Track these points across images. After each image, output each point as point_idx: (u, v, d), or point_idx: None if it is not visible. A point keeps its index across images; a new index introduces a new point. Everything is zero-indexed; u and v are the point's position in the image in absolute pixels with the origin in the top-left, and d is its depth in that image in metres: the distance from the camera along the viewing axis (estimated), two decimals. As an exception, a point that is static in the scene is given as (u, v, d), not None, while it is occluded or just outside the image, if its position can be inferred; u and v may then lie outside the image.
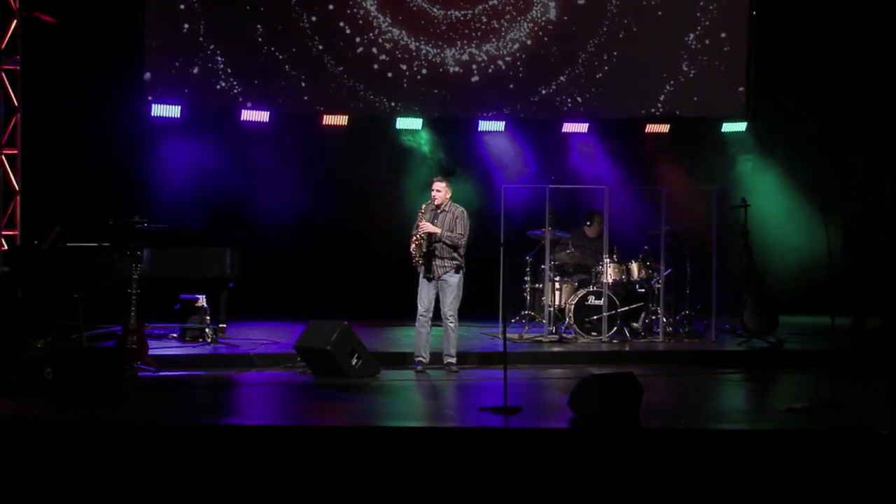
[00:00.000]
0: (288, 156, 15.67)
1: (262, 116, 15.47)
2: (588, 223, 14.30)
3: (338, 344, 10.99)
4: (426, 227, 11.31)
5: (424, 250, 11.28)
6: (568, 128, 16.22)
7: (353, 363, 11.05)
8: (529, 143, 16.19)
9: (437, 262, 11.32)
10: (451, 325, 11.38)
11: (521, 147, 16.20)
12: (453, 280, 11.37)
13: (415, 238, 11.33)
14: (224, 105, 15.30)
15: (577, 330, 13.32)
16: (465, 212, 11.44)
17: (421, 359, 11.47)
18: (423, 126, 15.96)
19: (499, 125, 16.12)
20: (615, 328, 13.34)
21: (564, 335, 13.38)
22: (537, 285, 13.93)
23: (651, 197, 13.89)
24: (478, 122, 16.07)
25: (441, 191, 11.40)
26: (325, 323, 11.33)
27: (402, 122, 15.89)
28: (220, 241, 12.83)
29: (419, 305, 11.40)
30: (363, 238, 15.69)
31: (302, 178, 15.69)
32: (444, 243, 11.33)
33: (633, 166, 16.12)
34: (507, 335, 9.98)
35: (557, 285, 13.65)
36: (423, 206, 11.51)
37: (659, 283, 13.52)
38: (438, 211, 11.45)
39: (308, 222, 15.71)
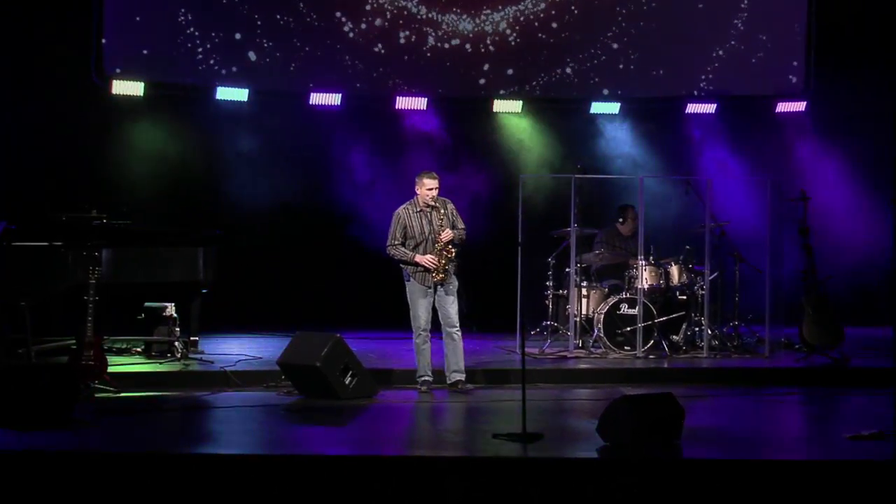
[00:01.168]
0: (271, 141, 15.73)
1: (241, 95, 15.50)
2: (620, 219, 14.29)
3: (329, 360, 10.98)
4: (448, 235, 11.37)
5: (444, 261, 11.37)
6: (597, 108, 16.24)
7: (347, 382, 11.05)
8: (552, 127, 16.20)
9: (450, 267, 11.41)
10: (459, 335, 11.42)
11: (541, 131, 16.19)
12: (456, 284, 11.46)
13: (441, 253, 11.34)
14: (196, 82, 15.32)
15: (608, 344, 13.31)
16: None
17: (427, 378, 11.49)
18: (428, 106, 15.97)
19: (516, 105, 16.13)
20: (652, 341, 13.32)
21: (592, 350, 13.38)
22: (561, 292, 13.93)
23: (694, 188, 13.85)
24: (492, 102, 16.07)
25: (437, 189, 11.44)
26: (313, 335, 11.33)
27: (405, 102, 15.90)
28: (191, 239, 12.84)
29: (417, 320, 11.40)
30: (359, 237, 15.70)
31: (287, 166, 15.76)
32: (455, 245, 11.39)
33: (673, 153, 16.15)
34: (526, 350, 9.93)
35: (584, 292, 13.64)
36: (403, 210, 11.50)
37: (703, 289, 13.50)
38: (428, 209, 11.44)
39: (295, 218, 15.78)
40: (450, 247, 11.40)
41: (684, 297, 13.68)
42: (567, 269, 13.72)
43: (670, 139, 16.29)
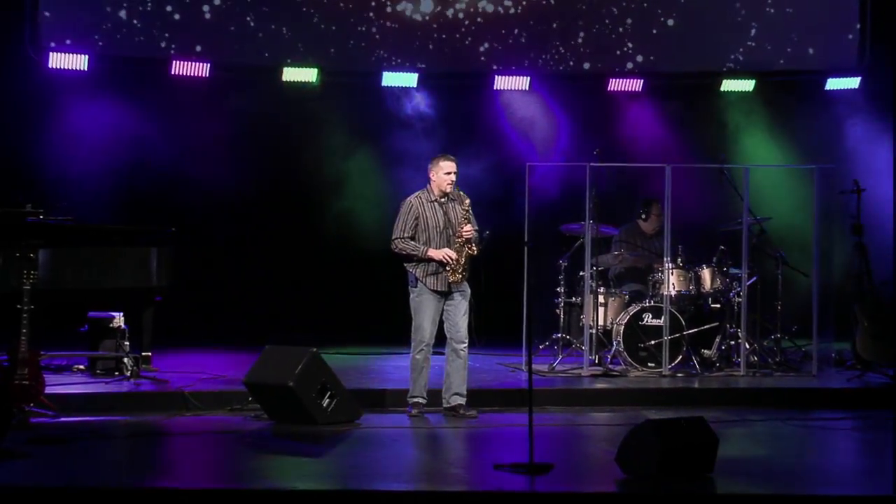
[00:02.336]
0: (238, 123, 15.75)
1: (201, 70, 15.50)
2: (643, 215, 14.32)
3: (304, 379, 10.98)
4: (470, 231, 11.37)
5: (464, 258, 11.36)
6: (616, 86, 16.26)
7: (325, 405, 11.05)
8: (564, 107, 16.22)
9: (468, 268, 11.44)
10: (466, 352, 11.45)
11: (552, 112, 16.20)
12: (469, 292, 11.48)
13: (463, 249, 11.32)
14: (148, 55, 15.32)
15: (629, 359, 13.33)
16: None
17: (420, 400, 11.47)
18: (418, 83, 15.98)
19: (522, 82, 16.14)
20: (680, 357, 13.35)
21: (611, 367, 13.40)
22: (574, 299, 13.95)
23: (729, 178, 13.84)
24: (493, 79, 16.11)
25: (456, 174, 11.43)
26: (286, 350, 11.33)
27: (391, 79, 15.91)
28: (143, 238, 12.83)
29: (421, 332, 11.34)
30: (338, 235, 15.70)
31: (256, 153, 15.79)
32: (474, 244, 11.41)
33: (705, 138, 16.17)
34: (534, 367, 9.94)
35: (602, 299, 13.66)
36: (415, 199, 11.46)
37: (740, 296, 13.51)
38: (444, 200, 11.44)
39: (264, 213, 15.81)
40: (472, 245, 11.38)
41: (718, 306, 13.71)
42: (581, 273, 13.73)
43: (702, 121, 16.32)
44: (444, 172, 11.44)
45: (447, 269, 11.34)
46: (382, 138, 16.02)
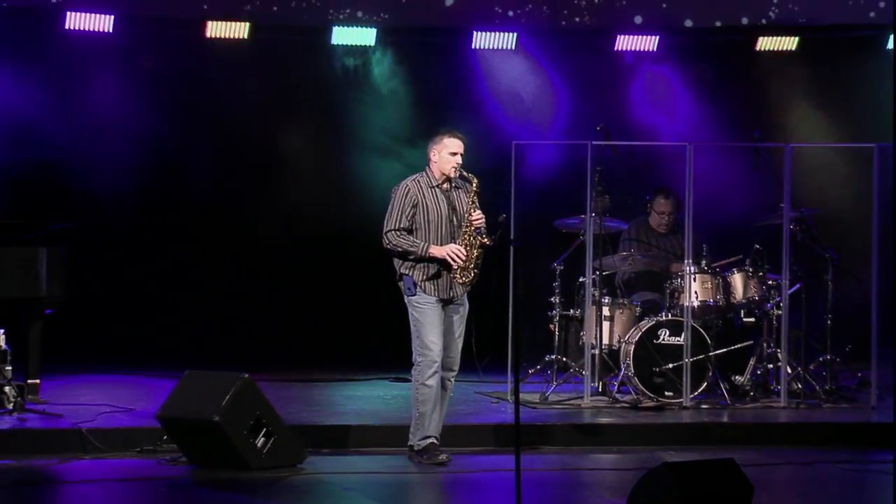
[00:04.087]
0: (145, 89, 15.77)
1: (103, 24, 15.47)
2: (648, 206, 14.33)
3: (233, 412, 10.94)
4: (480, 217, 11.28)
5: (476, 252, 11.25)
6: (625, 43, 16.33)
7: (260, 444, 11.02)
8: (559, 71, 16.23)
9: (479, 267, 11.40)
10: (453, 383, 11.47)
11: (544, 77, 16.21)
12: (467, 305, 11.47)
13: (473, 243, 11.25)
14: (35, 3, 15.26)
15: (641, 387, 13.35)
16: None
17: (434, 440, 11.30)
18: (377, 41, 16.01)
19: (507, 40, 16.17)
20: (705, 384, 13.38)
21: (618, 396, 13.42)
22: (572, 312, 13.98)
23: (766, 160, 13.87)
24: (471, 36, 16.16)
25: (462, 155, 11.37)
26: (210, 376, 11.32)
27: (343, 35, 15.96)
28: (29, 236, 12.79)
29: (430, 350, 11.14)
30: (279, 229, 15.69)
31: (170, 127, 15.79)
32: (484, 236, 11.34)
33: (735, 108, 16.23)
34: (522, 396, 9.92)
35: (607, 311, 13.68)
36: (413, 184, 11.36)
37: (779, 308, 13.54)
38: (448, 188, 11.37)
39: (180, 204, 15.86)
40: (483, 236, 11.28)
41: (752, 320, 13.77)
42: (581, 279, 13.74)
43: (732, 88, 16.37)
44: (448, 152, 11.34)
45: (454, 269, 11.21)
46: (331, 110, 16.10)
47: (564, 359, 13.91)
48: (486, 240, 11.26)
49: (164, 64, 15.73)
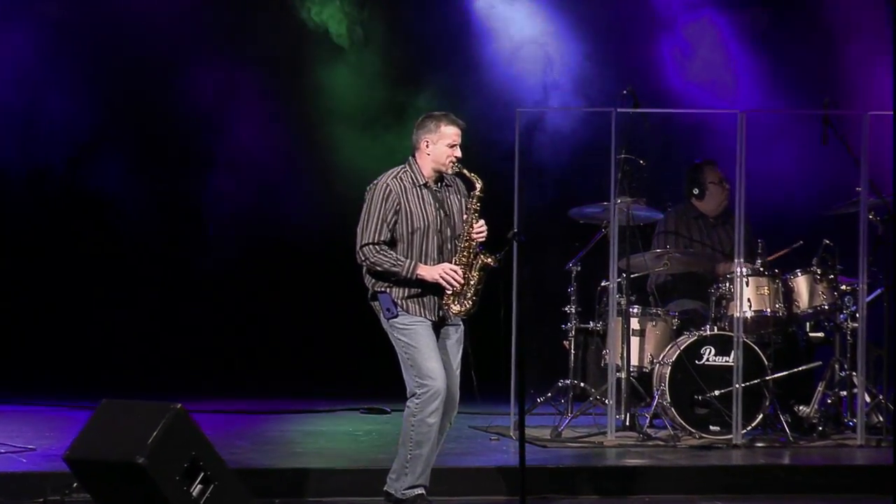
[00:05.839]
0: (60, 45, 15.93)
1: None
2: (695, 190, 14.35)
3: (161, 452, 10.88)
4: (483, 229, 11.14)
5: (476, 275, 11.14)
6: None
7: (196, 493, 10.96)
8: (576, 19, 16.24)
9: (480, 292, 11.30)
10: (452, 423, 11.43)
11: (557, 26, 16.21)
12: (462, 325, 11.37)
13: (473, 263, 11.17)
14: None
15: (679, 420, 13.41)
16: None
17: (422, 490, 11.14)
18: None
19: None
20: (761, 416, 13.41)
21: (651, 431, 13.45)
22: (592, 325, 14.02)
23: (837, 133, 13.82)
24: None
25: (459, 146, 11.26)
26: (132, 407, 11.24)
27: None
28: None
29: (431, 377, 11.01)
30: (221, 226, 15.77)
31: (89, 94, 15.96)
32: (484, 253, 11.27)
33: (801, 68, 16.19)
34: (529, 432, 9.92)
35: (637, 324, 13.75)
36: (394, 182, 11.23)
37: (856, 320, 13.50)
38: (439, 187, 11.28)
39: (101, 191, 16.03)
40: (486, 255, 11.12)
41: (821, 335, 13.83)
42: (604, 284, 13.77)
43: (796, 42, 16.31)
44: (446, 143, 11.14)
45: (447, 294, 11.09)
46: (295, 73, 16.28)
47: (582, 384, 13.98)
48: (489, 259, 11.11)
49: (66, 12, 15.76)
